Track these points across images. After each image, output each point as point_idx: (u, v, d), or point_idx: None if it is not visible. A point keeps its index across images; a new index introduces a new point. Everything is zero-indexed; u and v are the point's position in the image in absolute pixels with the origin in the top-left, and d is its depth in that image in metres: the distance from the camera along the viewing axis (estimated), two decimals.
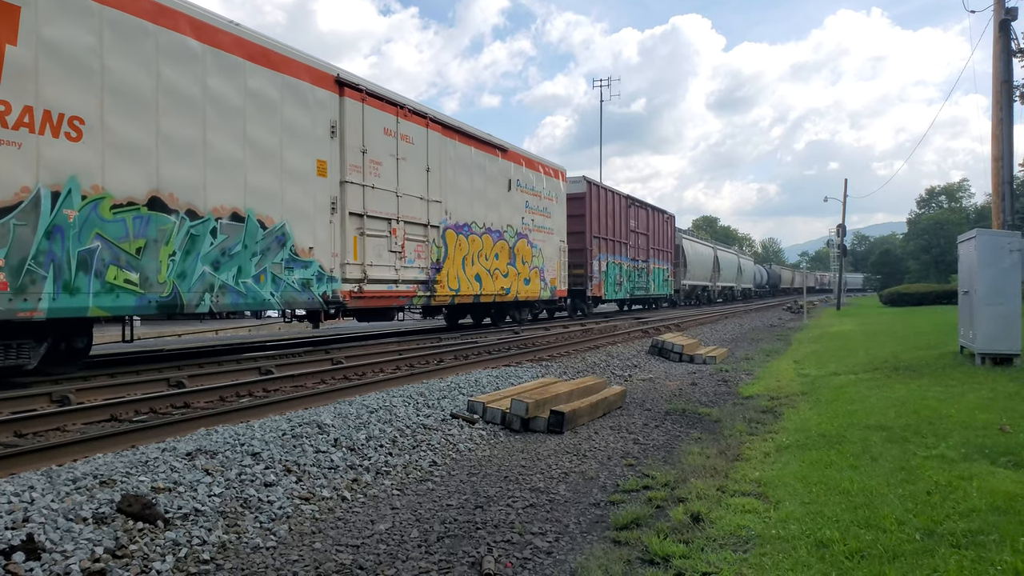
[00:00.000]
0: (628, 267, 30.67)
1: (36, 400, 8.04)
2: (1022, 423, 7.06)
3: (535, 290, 21.58)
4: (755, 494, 5.35)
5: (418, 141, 15.69)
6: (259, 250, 11.38)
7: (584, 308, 27.64)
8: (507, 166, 19.99)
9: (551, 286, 22.71)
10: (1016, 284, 11.33)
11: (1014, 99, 16.74)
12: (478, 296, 18.27)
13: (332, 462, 5.98)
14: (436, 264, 16.21)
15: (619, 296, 29.89)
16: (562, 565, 4.25)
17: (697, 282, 45.33)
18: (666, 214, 37.45)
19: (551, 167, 23.11)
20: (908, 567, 3.79)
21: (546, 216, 22.44)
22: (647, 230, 33.67)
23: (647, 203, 34.31)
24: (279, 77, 11.87)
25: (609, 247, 28.10)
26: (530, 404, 7.98)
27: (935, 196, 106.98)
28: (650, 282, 34.16)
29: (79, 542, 3.98)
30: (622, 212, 29.88)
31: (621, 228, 29.64)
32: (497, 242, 19.24)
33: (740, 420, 8.50)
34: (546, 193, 22.42)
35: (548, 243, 22.54)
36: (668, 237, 37.95)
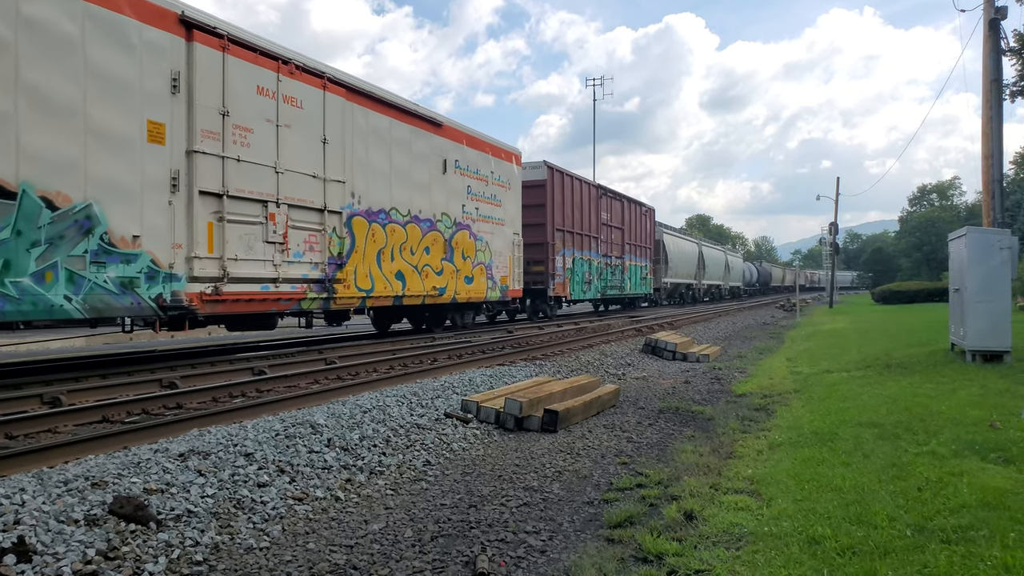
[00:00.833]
0: (599, 264, 28.22)
1: (27, 401, 8.01)
2: (1012, 419, 7.11)
3: (480, 289, 18.44)
4: (748, 491, 5.36)
5: (311, 106, 12.60)
6: (43, 238, 8.46)
7: (547, 310, 24.89)
8: (443, 144, 16.85)
9: (502, 285, 19.66)
10: (1006, 281, 11.39)
11: (1004, 97, 16.83)
12: (400, 297, 15.23)
13: (326, 462, 5.97)
14: (338, 259, 13.26)
15: (588, 296, 27.38)
16: (556, 564, 4.25)
17: (680, 280, 43.01)
18: (644, 207, 34.92)
19: (503, 148, 20.00)
20: (899, 563, 3.81)
21: (495, 204, 19.28)
22: (622, 224, 31.12)
23: (622, 194, 31.69)
24: (79, 4, 8.92)
25: (576, 241, 25.62)
26: (524, 403, 7.99)
27: (927, 194, 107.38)
28: (625, 280, 31.60)
29: (71, 544, 3.97)
30: (592, 203, 27.35)
31: (590, 221, 27.11)
32: (428, 233, 16.18)
33: (733, 418, 8.52)
34: (496, 178, 19.36)
35: (498, 236, 19.42)
36: (647, 232, 35.41)
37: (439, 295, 16.62)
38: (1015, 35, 23.38)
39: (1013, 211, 45.20)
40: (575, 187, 25.76)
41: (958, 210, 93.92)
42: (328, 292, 13.01)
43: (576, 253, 25.63)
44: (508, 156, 20.40)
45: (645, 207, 35.06)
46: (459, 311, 19.37)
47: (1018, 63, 23.92)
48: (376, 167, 14.58)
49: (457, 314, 19.35)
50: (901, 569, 3.73)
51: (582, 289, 26.34)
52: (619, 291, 30.94)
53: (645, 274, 34.82)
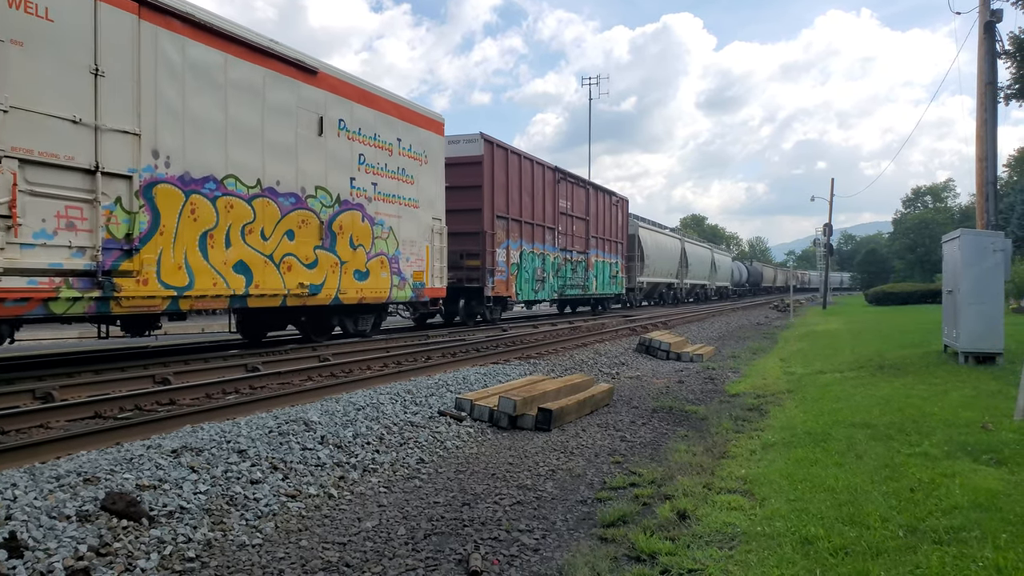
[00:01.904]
0: (556, 259, 24.87)
1: (19, 397, 7.97)
2: (1004, 421, 7.13)
3: (379, 287, 14.87)
4: (741, 491, 5.37)
5: (70, 19, 8.84)
6: None
7: (485, 312, 20.91)
8: (319, 97, 13.17)
9: (415, 282, 15.99)
10: (999, 284, 11.43)
11: (998, 100, 16.89)
12: (241, 297, 11.37)
13: (319, 459, 5.96)
14: (125, 242, 9.54)
15: (541, 296, 24.06)
16: (549, 562, 4.25)
17: (659, 279, 39.44)
18: (615, 196, 31.40)
19: (417, 112, 16.22)
20: (891, 563, 3.82)
21: (404, 181, 15.56)
22: (586, 214, 27.64)
23: (587, 180, 28.35)
24: None
25: (526, 232, 22.23)
26: (518, 401, 7.99)
27: (921, 196, 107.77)
28: (590, 279, 28.23)
29: (62, 540, 3.96)
30: (547, 188, 23.98)
31: (545, 208, 23.78)
32: (292, 212, 12.48)
33: (726, 418, 8.53)
34: (405, 148, 15.64)
35: (409, 220, 15.80)
36: (618, 224, 31.89)
37: (310, 294, 12.83)
38: (1010, 38, 23.46)
39: (1006, 214, 45.37)
40: (524, 168, 22.29)
41: (952, 212, 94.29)
42: (106, 289, 9.25)
43: (526, 246, 22.29)
44: (425, 123, 16.56)
45: (616, 196, 31.66)
46: (350, 315, 15.34)
47: (1013, 66, 24.00)
48: (200, 118, 10.73)
49: (349, 319, 15.28)
50: (893, 569, 3.74)
51: (533, 288, 22.97)
52: (582, 290, 27.63)
53: (615, 272, 31.53)
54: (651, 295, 39.98)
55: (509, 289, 21.20)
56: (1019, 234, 43.24)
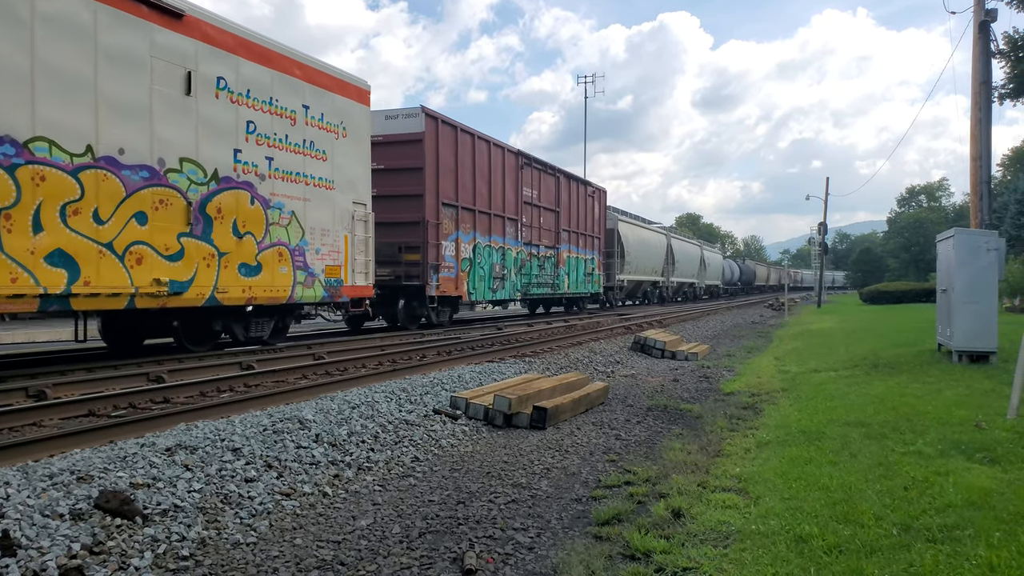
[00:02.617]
0: (519, 254, 22.44)
1: (12, 395, 7.95)
2: (998, 420, 7.15)
3: (278, 284, 12.27)
4: (736, 490, 5.38)
5: None
6: None
7: (430, 314, 18.14)
8: (186, 47, 10.64)
9: (329, 278, 13.48)
10: (993, 283, 11.46)
11: (992, 100, 16.94)
12: (64, 297, 8.98)
13: (313, 458, 5.95)
14: None
15: (501, 295, 21.57)
16: (544, 560, 4.25)
17: (642, 277, 36.84)
18: (591, 186, 29.18)
19: (334, 76, 13.77)
20: (885, 561, 3.83)
21: (314, 157, 13.08)
22: (556, 204, 25.37)
23: (557, 167, 25.67)
24: None
25: (481, 223, 19.88)
26: (513, 400, 7.99)
27: (915, 195, 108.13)
28: (561, 276, 25.93)
29: (56, 538, 3.94)
30: (508, 174, 21.60)
31: (505, 197, 21.39)
32: (143, 189, 9.95)
33: (721, 416, 8.54)
34: (316, 118, 13.18)
35: (320, 204, 13.30)
36: (595, 218, 29.60)
37: (172, 293, 10.29)
38: (1005, 38, 23.54)
39: (1000, 213, 45.51)
40: (480, 149, 19.83)
41: (946, 211, 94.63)
42: None
43: (481, 239, 19.85)
44: (343, 88, 14.03)
45: (592, 187, 29.32)
46: (239, 319, 12.41)
47: (1007, 65, 24.08)
48: None
49: (238, 324, 12.42)
50: (887, 568, 3.75)
51: (490, 287, 20.56)
52: (551, 289, 25.21)
53: (591, 269, 29.18)
54: (633, 294, 37.74)
55: (459, 288, 18.73)
56: (1013, 233, 43.39)
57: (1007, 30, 26.42)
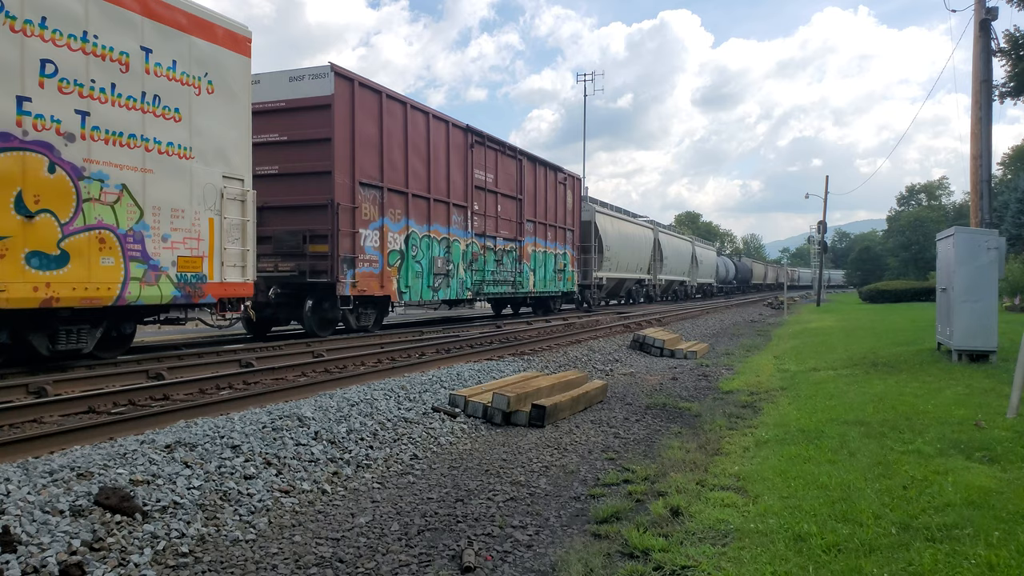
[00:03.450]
0: (470, 246, 19.61)
1: (12, 391, 7.95)
2: (997, 419, 7.15)
3: (100, 280, 9.31)
4: (734, 488, 5.38)
5: None
6: None
7: (347, 318, 15.25)
8: None
9: (184, 274, 10.47)
10: (993, 282, 11.46)
11: (993, 98, 16.93)
12: None
13: (312, 455, 5.96)
14: None
15: (445, 294, 18.69)
16: (542, 558, 4.26)
17: (625, 275, 33.93)
18: (562, 172, 25.97)
19: (193, 14, 10.75)
20: (884, 560, 3.83)
21: (164, 117, 10.15)
22: (518, 191, 22.48)
23: (519, 149, 22.73)
24: None
25: (417, 210, 17.01)
26: (512, 398, 7.99)
27: (915, 194, 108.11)
28: (525, 272, 23.05)
29: (56, 535, 3.95)
30: (454, 153, 18.69)
31: (451, 179, 18.52)
32: None
33: (720, 415, 8.55)
34: (165, 66, 10.15)
35: (171, 178, 10.29)
36: (568, 208, 26.66)
37: None
38: (1006, 36, 23.51)
39: (1001, 212, 45.52)
40: (414, 122, 16.88)
41: (946, 210, 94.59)
42: None
43: (417, 227, 17.07)
44: (206, 31, 10.98)
45: (563, 173, 26.24)
46: (42, 327, 9.37)
47: (1008, 64, 24.05)
48: None
49: (38, 333, 9.32)
50: (886, 567, 3.75)
51: (429, 284, 17.69)
52: (511, 288, 22.33)
53: (562, 265, 26.31)
54: (615, 293, 34.99)
55: (386, 285, 15.83)
56: (1013, 232, 43.41)
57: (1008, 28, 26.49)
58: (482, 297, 21.30)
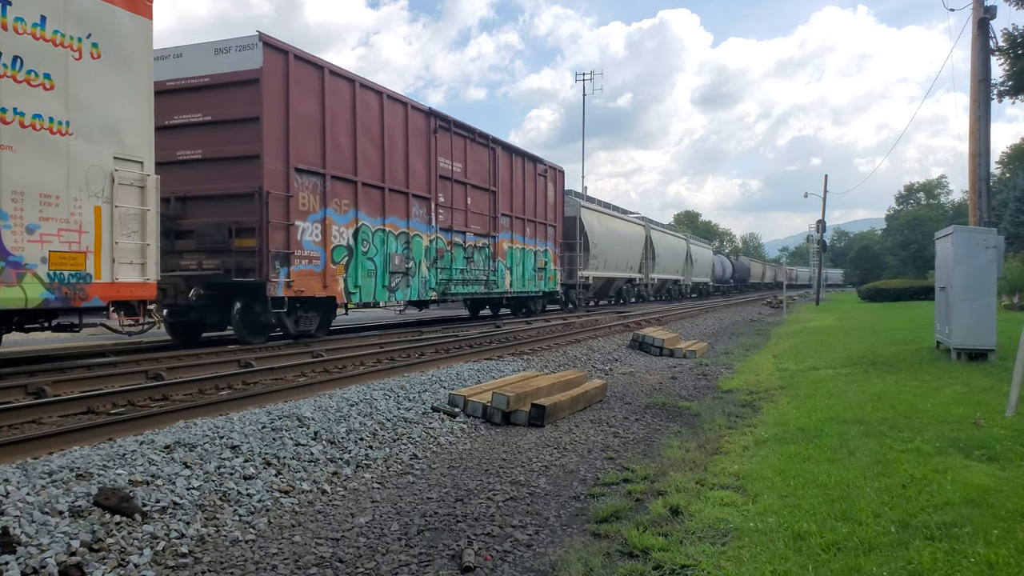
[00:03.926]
0: (434, 242, 17.70)
1: (11, 392, 7.95)
2: (996, 417, 7.16)
3: None
4: (734, 487, 5.38)
5: None
6: None
7: (284, 323, 13.39)
8: None
9: (58, 271, 8.75)
10: (992, 280, 11.47)
11: (992, 97, 16.95)
12: None
13: (312, 455, 5.96)
14: None
15: (404, 295, 16.64)
16: (542, 558, 4.26)
17: (614, 273, 32.14)
18: (543, 164, 24.24)
19: None
20: (883, 559, 3.83)
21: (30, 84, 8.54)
22: (492, 183, 20.68)
23: (494, 137, 21.00)
24: None
25: (368, 200, 15.05)
26: (511, 397, 7.99)
27: (914, 192, 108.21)
28: (500, 271, 21.23)
29: (55, 535, 3.95)
30: (414, 139, 16.73)
31: (410, 168, 16.59)
32: None
33: (719, 414, 8.55)
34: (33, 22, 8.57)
35: (42, 157, 8.64)
36: (549, 202, 24.81)
37: None
38: (1004, 35, 23.54)
39: (999, 210, 45.56)
40: (364, 102, 14.93)
41: (945, 209, 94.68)
42: None
43: (368, 220, 15.07)
44: None
45: (544, 164, 24.29)
46: None
47: (1006, 63, 24.07)
48: None
49: None
50: (885, 565, 3.76)
51: (385, 283, 15.70)
52: (484, 287, 20.50)
53: (543, 263, 24.36)
54: (604, 293, 33.24)
55: (331, 285, 14.00)
56: (1012, 231, 43.45)
57: (1006, 27, 26.40)
58: (450, 298, 19.24)
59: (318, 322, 14.38)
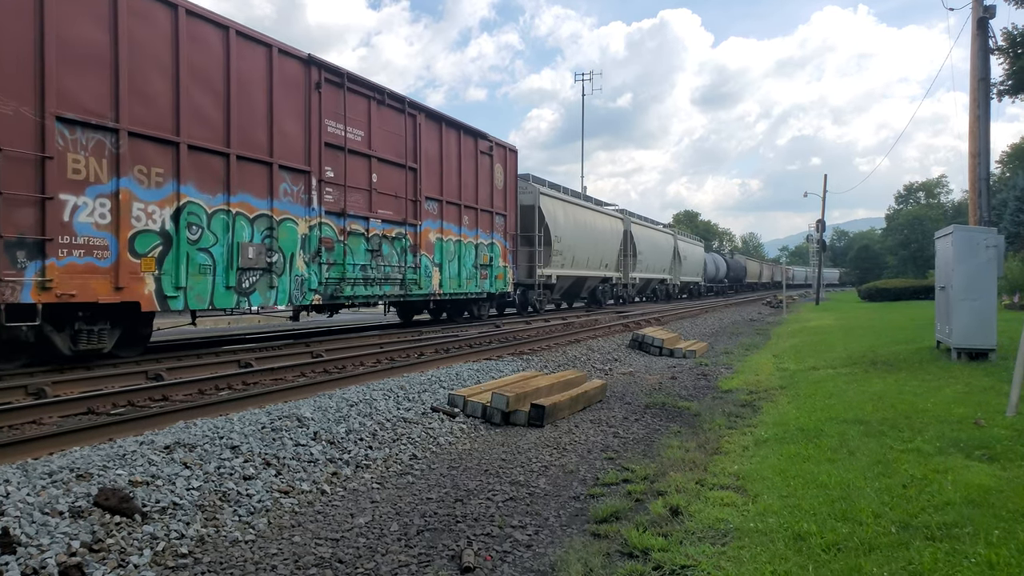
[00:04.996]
0: (317, 230, 13.49)
1: (11, 392, 7.95)
2: (997, 417, 7.15)
3: None
4: (734, 487, 5.38)
5: None
6: None
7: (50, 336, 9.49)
8: None
9: None
10: (992, 280, 11.46)
11: (991, 96, 16.95)
12: None
13: (312, 455, 5.95)
14: None
15: (263, 298, 12.39)
16: (542, 558, 4.26)
17: (584, 272, 28.23)
18: (487, 140, 20.13)
19: None
20: (884, 559, 3.83)
21: None
22: (413, 158, 16.44)
23: (415, 101, 16.71)
24: None
25: (201, 171, 11.20)
26: (511, 397, 7.99)
27: (913, 192, 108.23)
28: (425, 268, 16.96)
29: (55, 536, 3.95)
30: (282, 92, 12.80)
31: (273, 129, 12.56)
32: None
33: (719, 414, 8.54)
34: None
35: None
36: (497, 187, 20.75)
37: None
38: (1003, 34, 23.53)
39: (999, 210, 45.55)
40: (197, 36, 11.24)
41: (944, 208, 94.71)
42: None
43: (201, 196, 11.19)
44: None
45: (488, 140, 20.26)
46: None
47: (1006, 62, 24.07)
48: None
49: None
50: (886, 566, 3.75)
51: (231, 283, 11.68)
52: (399, 288, 16.05)
53: (489, 259, 20.32)
54: (574, 294, 29.58)
55: (131, 286, 10.01)
56: (1012, 230, 43.44)
57: (1006, 26, 26.39)
58: (345, 301, 14.65)
59: (116, 337, 10.43)
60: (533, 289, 24.08)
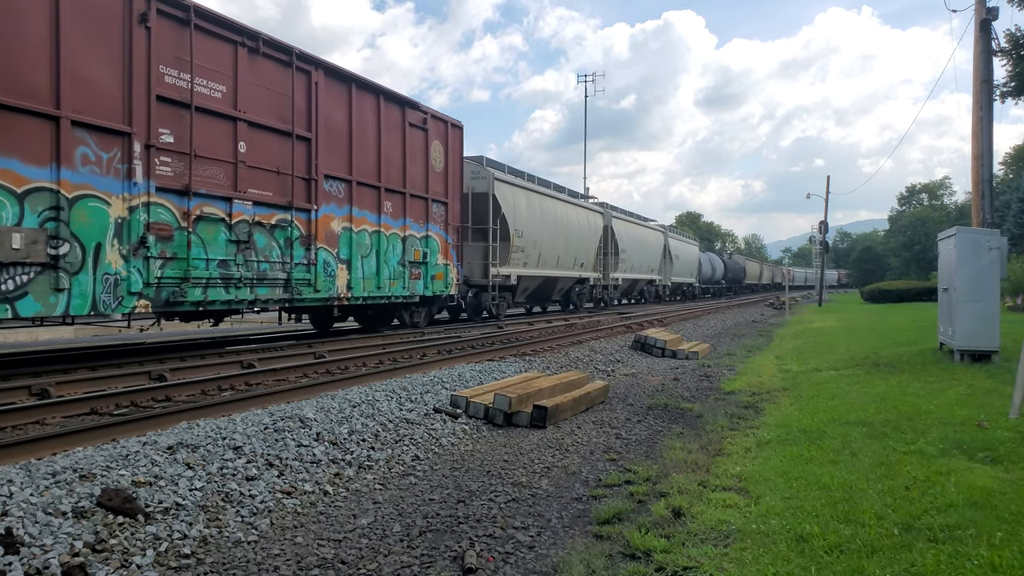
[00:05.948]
0: (139, 212, 9.73)
1: (15, 393, 7.96)
2: (999, 419, 7.15)
3: None
4: (736, 489, 5.38)
5: None
6: None
7: None
8: None
9: None
10: (995, 281, 11.45)
11: (994, 98, 16.92)
12: None
13: (314, 456, 5.96)
14: None
15: (48, 305, 8.52)
16: (544, 559, 4.26)
17: (556, 272, 24.91)
18: (419, 111, 16.50)
19: None
20: (886, 561, 3.83)
21: None
22: (308, 126, 13.03)
23: (311, 56, 13.15)
24: None
25: None
26: (513, 399, 7.99)
27: (916, 193, 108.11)
28: (324, 265, 13.31)
29: (58, 536, 3.95)
30: (75, 21, 8.89)
31: (55, 68, 8.68)
32: None
33: (722, 415, 8.54)
34: None
35: None
36: (435, 169, 17.23)
37: None
38: (1006, 36, 23.49)
39: (1002, 211, 45.48)
40: None
41: (948, 210, 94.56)
42: None
43: None
44: None
45: (421, 111, 16.67)
46: None
47: (1009, 64, 24.04)
48: None
49: None
50: (888, 568, 3.75)
51: None
52: (282, 290, 12.43)
53: (423, 254, 16.74)
54: (543, 296, 26.19)
55: None
56: (1015, 232, 43.36)
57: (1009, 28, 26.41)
58: (189, 306, 10.82)
59: None
60: (487, 291, 20.54)
